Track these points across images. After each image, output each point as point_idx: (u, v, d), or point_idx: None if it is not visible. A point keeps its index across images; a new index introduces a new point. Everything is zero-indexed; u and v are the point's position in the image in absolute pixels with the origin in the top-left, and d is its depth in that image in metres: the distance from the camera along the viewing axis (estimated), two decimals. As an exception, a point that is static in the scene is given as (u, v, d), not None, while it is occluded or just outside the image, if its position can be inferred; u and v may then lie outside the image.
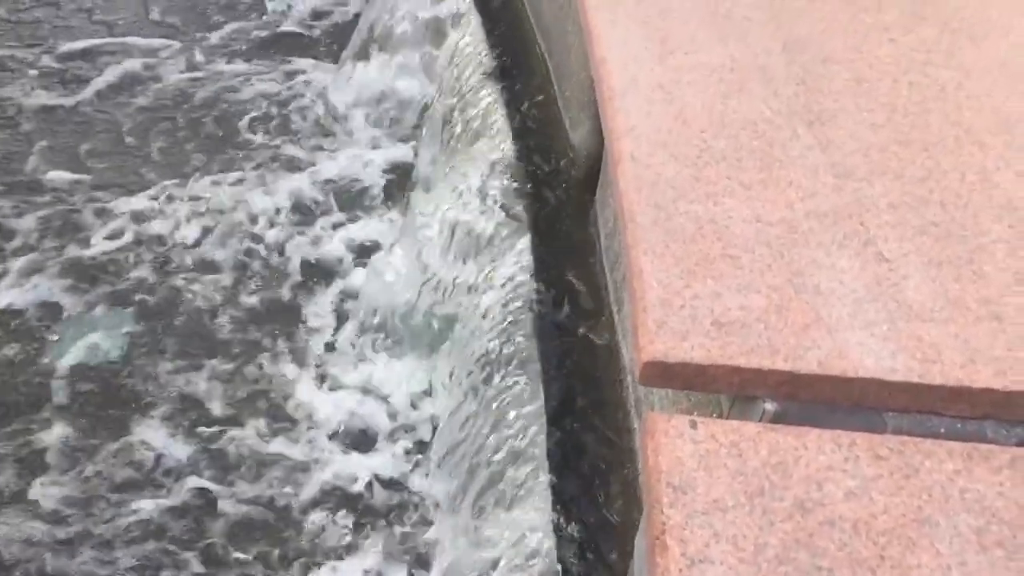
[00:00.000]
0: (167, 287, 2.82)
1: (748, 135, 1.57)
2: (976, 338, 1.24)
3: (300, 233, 3.02)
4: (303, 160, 3.26)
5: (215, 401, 2.51)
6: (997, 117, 1.65)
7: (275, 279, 2.87)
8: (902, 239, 1.40)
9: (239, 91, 3.56)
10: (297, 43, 3.83)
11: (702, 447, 1.11)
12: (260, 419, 2.48)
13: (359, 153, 3.26)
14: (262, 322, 2.74)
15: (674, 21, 1.83)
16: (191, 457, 2.37)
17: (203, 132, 3.39)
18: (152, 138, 3.36)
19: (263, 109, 3.48)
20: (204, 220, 3.03)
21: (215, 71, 3.66)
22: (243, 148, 3.33)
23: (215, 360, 2.62)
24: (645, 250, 1.34)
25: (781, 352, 1.21)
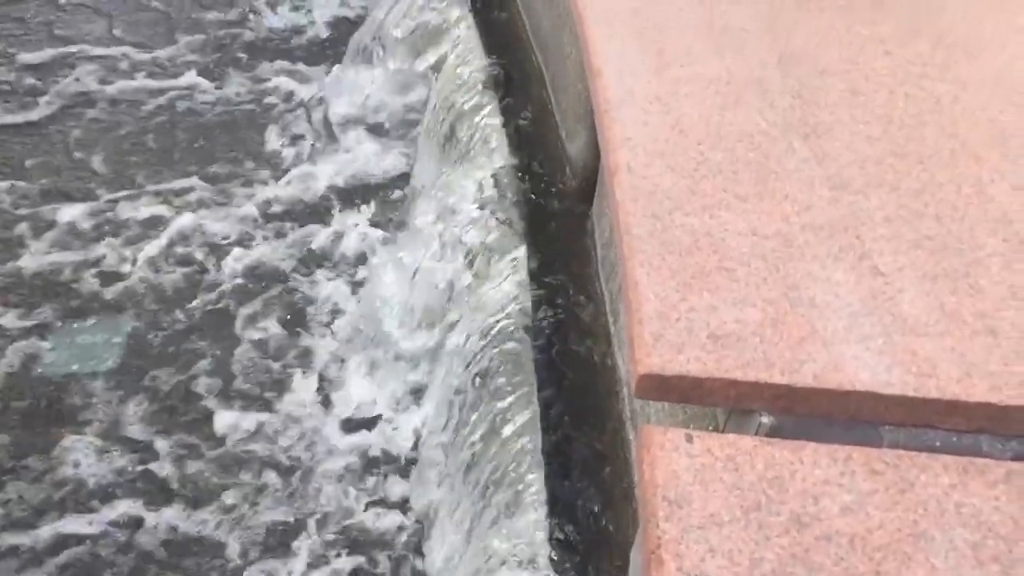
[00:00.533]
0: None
1: (744, 147, 1.57)
2: (972, 352, 1.24)
3: (294, 238, 3.02)
4: (286, 167, 3.26)
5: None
6: (992, 130, 1.65)
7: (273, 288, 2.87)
8: (897, 252, 1.40)
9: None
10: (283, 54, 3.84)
11: (698, 461, 1.11)
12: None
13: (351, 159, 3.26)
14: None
15: (670, 33, 1.84)
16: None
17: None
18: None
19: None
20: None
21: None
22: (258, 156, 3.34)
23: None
24: (641, 262, 1.34)
25: (777, 365, 1.21)
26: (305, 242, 3.00)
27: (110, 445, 2.41)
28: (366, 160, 3.22)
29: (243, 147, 3.35)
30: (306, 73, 3.62)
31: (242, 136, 3.39)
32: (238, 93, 3.57)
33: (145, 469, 2.37)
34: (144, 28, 3.91)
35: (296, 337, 2.72)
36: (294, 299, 2.83)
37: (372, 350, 2.61)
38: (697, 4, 1.92)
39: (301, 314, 2.79)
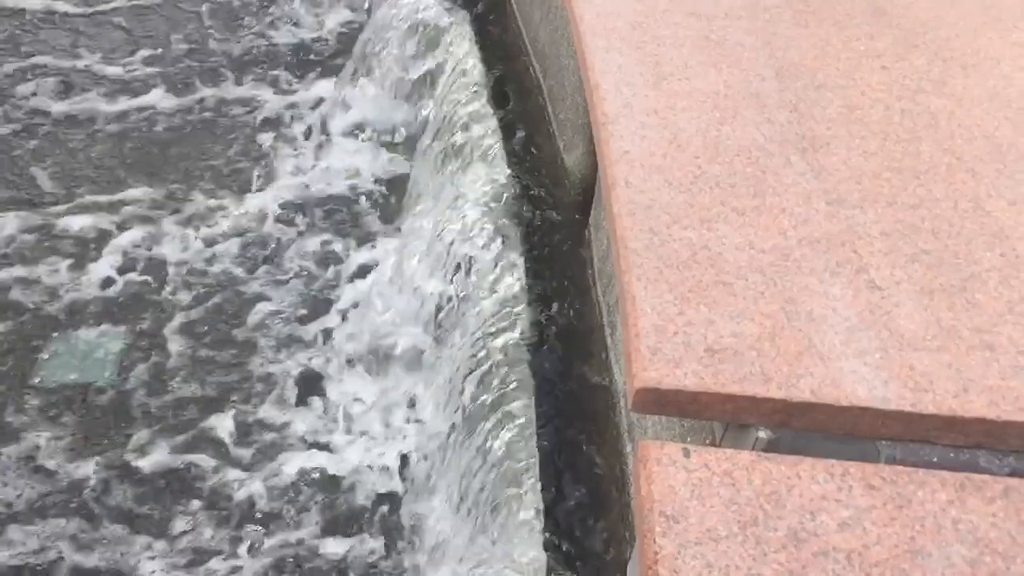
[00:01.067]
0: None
1: (742, 161, 1.57)
2: (969, 367, 1.24)
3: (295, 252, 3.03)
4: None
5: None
6: (988, 145, 1.66)
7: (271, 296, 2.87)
8: (894, 267, 1.40)
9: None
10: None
11: (695, 476, 1.11)
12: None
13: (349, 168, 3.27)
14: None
15: (667, 47, 1.84)
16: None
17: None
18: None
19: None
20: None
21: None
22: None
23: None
24: (638, 276, 1.34)
25: (774, 380, 1.21)
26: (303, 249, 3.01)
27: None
28: (364, 170, 3.22)
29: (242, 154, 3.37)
30: (305, 84, 3.63)
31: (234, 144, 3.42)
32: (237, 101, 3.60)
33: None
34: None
35: (289, 350, 2.72)
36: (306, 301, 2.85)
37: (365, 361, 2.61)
38: (694, 18, 1.92)
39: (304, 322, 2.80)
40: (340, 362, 2.64)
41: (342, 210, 3.13)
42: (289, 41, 3.91)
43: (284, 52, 3.85)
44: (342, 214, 3.12)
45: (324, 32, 3.96)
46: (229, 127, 3.48)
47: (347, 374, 2.63)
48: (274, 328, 2.76)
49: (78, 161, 3.29)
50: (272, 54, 3.84)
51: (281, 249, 3.00)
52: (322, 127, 3.39)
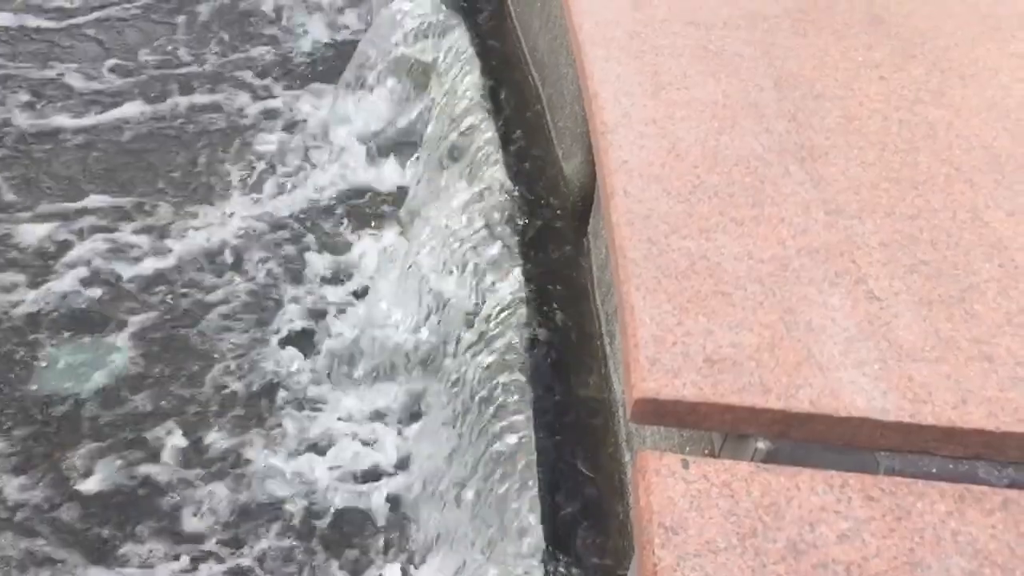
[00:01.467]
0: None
1: (741, 171, 1.57)
2: (968, 378, 1.24)
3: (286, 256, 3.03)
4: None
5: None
6: (987, 156, 1.66)
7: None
8: (893, 277, 1.40)
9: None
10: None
11: (694, 487, 1.10)
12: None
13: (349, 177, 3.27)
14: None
15: (666, 57, 1.84)
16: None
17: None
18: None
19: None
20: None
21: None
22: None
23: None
24: (637, 286, 1.34)
25: (773, 391, 1.21)
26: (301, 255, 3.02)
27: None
28: (364, 178, 3.22)
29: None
30: (307, 93, 3.64)
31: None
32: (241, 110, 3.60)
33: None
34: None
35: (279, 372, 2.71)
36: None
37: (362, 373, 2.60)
38: (693, 28, 1.93)
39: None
40: (330, 372, 2.64)
41: (338, 220, 3.14)
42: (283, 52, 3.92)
43: (283, 62, 3.86)
44: (338, 224, 3.12)
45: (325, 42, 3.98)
46: (228, 135, 3.49)
47: (338, 385, 2.63)
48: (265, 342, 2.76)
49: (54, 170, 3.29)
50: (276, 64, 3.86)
51: (275, 259, 3.00)
52: (320, 136, 3.39)
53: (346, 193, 3.21)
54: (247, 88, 3.69)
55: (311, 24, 4.03)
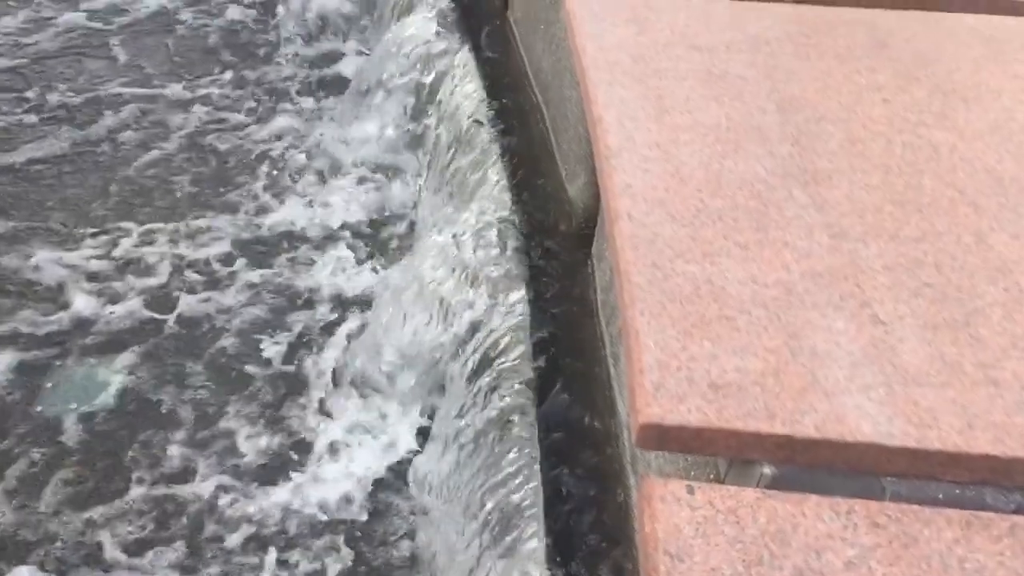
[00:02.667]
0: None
1: (744, 195, 1.58)
2: (974, 403, 1.24)
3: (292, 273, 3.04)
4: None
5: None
6: (991, 179, 1.66)
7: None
8: (897, 301, 1.40)
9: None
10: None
11: (699, 513, 1.10)
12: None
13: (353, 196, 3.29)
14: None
15: (669, 80, 1.85)
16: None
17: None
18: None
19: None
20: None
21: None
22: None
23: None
24: (641, 311, 1.34)
25: (778, 416, 1.21)
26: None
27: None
28: (365, 201, 3.24)
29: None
30: (306, 115, 3.66)
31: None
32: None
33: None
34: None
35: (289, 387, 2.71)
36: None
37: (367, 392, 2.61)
38: (696, 52, 1.94)
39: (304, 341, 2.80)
40: (335, 390, 2.65)
41: (339, 242, 3.15)
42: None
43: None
44: (340, 249, 3.13)
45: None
46: (236, 156, 3.51)
47: (344, 403, 2.63)
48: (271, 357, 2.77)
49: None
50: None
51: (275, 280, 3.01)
52: (320, 160, 3.41)
53: (346, 216, 3.22)
54: (248, 111, 3.72)
55: (314, 47, 4.06)
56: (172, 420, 2.57)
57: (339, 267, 3.05)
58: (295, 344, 2.80)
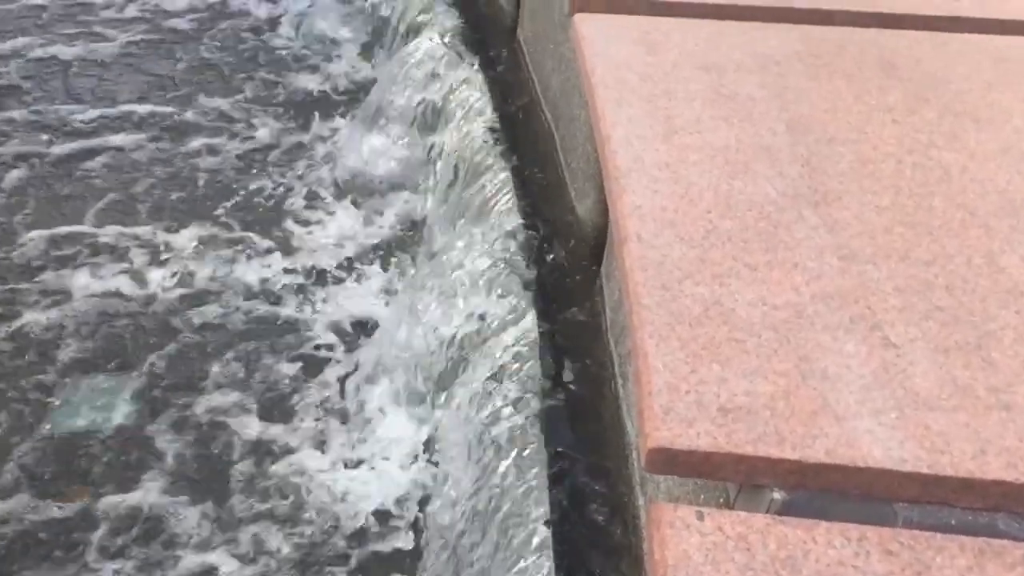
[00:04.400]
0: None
1: (754, 216, 1.57)
2: (986, 428, 1.23)
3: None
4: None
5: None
6: (1002, 200, 1.65)
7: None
8: (909, 324, 1.39)
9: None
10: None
11: (709, 540, 1.09)
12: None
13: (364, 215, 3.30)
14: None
15: (679, 100, 1.85)
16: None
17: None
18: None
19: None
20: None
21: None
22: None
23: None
24: (651, 333, 1.34)
25: (788, 440, 1.20)
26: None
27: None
28: (375, 220, 3.25)
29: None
30: (317, 134, 3.68)
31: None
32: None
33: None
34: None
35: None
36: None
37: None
38: (705, 72, 1.94)
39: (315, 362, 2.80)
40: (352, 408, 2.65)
41: (348, 259, 3.15)
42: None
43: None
44: (347, 265, 3.14)
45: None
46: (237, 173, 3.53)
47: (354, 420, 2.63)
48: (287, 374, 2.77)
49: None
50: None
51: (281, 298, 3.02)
52: (330, 178, 3.42)
53: (356, 235, 3.23)
54: (257, 128, 3.74)
55: (325, 66, 4.08)
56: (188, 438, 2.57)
57: (347, 287, 3.05)
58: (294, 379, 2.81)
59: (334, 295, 3.02)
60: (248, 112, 3.82)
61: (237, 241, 3.21)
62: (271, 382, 2.74)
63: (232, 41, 4.26)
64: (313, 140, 3.66)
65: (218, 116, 3.79)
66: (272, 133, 3.71)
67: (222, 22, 4.39)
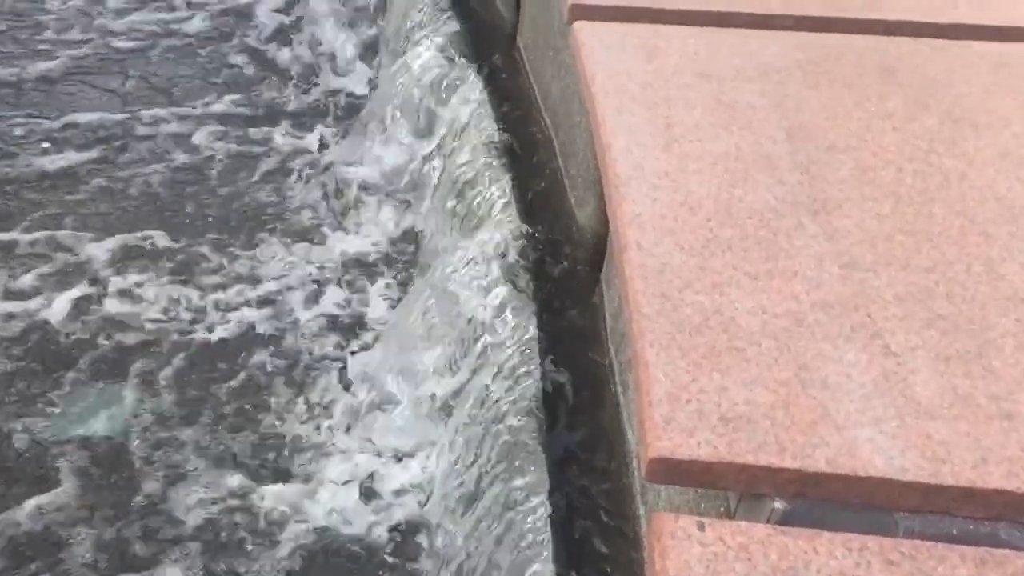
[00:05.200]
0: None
1: (754, 224, 1.57)
2: (987, 437, 1.23)
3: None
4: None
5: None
6: (1001, 207, 1.65)
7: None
8: (909, 332, 1.39)
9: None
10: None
11: (710, 550, 1.09)
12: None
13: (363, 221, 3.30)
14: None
15: (678, 108, 1.86)
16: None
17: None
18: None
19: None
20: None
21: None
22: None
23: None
24: (651, 342, 1.34)
25: (789, 450, 1.20)
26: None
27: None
28: (372, 227, 3.24)
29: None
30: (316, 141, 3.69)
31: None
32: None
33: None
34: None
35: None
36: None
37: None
38: (705, 80, 1.94)
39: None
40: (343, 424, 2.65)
41: (347, 268, 3.15)
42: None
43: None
44: (346, 272, 3.14)
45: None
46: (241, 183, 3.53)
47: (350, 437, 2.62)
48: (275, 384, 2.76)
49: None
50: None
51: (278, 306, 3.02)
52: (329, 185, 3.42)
53: (354, 243, 3.23)
54: (253, 135, 3.75)
55: (322, 73, 4.09)
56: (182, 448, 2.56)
57: (348, 295, 3.05)
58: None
59: (324, 310, 3.02)
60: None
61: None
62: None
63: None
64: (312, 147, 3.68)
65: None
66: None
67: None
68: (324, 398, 2.71)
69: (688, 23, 2.16)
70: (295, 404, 2.69)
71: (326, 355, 2.85)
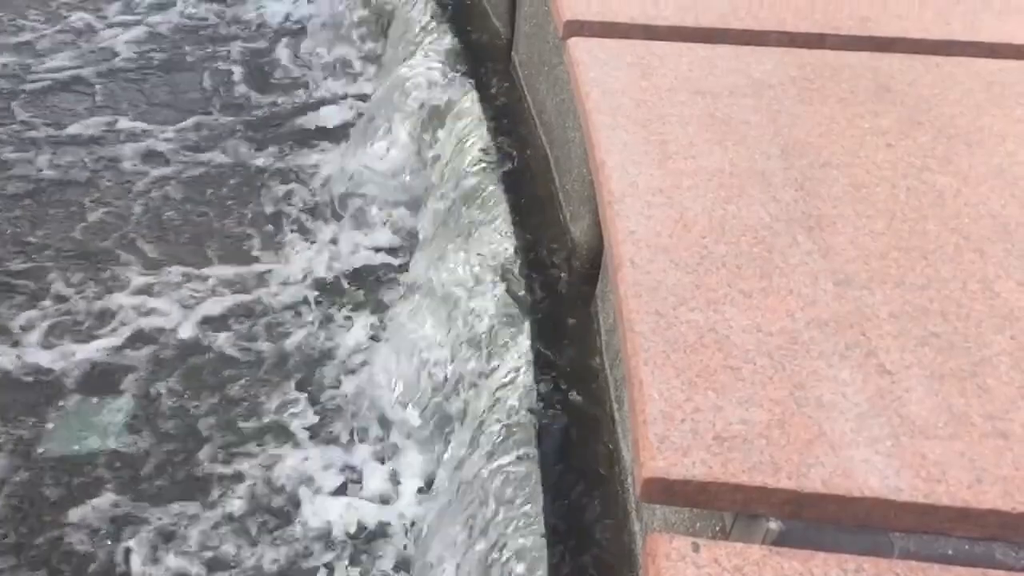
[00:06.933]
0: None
1: (748, 241, 1.57)
2: (982, 456, 1.22)
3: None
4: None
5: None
6: (995, 224, 1.65)
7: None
8: (904, 350, 1.39)
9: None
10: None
11: (704, 572, 1.08)
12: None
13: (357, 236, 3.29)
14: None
15: (673, 125, 1.86)
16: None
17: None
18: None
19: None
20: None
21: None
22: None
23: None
24: (645, 360, 1.33)
25: (784, 470, 1.19)
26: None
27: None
28: (369, 240, 3.24)
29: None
30: (314, 152, 3.69)
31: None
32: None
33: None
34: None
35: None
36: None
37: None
38: (699, 97, 1.94)
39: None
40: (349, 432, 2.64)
41: (341, 282, 3.15)
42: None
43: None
44: (339, 288, 3.13)
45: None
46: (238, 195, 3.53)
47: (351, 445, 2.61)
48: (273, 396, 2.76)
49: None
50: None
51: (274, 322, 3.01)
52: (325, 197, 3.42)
53: (351, 253, 3.22)
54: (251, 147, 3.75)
55: (323, 83, 4.09)
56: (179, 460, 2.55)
57: (335, 314, 3.04)
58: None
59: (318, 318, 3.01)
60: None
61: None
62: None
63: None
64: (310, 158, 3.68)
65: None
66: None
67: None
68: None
69: (682, 40, 2.17)
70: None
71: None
